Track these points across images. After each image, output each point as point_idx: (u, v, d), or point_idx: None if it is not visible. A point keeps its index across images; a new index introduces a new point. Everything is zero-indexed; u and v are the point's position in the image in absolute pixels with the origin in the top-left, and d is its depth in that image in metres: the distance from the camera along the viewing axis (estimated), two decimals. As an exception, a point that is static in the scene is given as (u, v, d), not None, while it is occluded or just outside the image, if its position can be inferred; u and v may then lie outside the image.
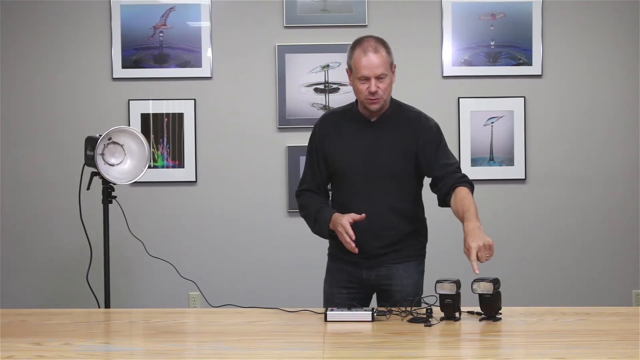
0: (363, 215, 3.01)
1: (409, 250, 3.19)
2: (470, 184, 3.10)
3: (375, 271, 3.18)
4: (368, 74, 3.02)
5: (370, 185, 3.12)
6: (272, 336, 2.68)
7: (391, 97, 3.18)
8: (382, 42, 3.09)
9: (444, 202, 3.15)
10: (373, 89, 3.02)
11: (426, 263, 4.94)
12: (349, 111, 3.23)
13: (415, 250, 3.23)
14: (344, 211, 3.09)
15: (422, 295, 3.10)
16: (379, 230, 3.12)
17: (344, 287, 3.21)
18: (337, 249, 3.20)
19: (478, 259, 2.75)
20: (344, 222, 3.00)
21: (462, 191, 3.04)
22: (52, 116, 5.03)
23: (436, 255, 4.99)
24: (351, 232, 2.98)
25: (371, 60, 3.01)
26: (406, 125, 3.16)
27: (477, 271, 2.72)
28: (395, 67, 3.13)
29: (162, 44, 4.98)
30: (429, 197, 3.27)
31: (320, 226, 3.15)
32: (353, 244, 2.99)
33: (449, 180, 3.09)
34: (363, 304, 3.16)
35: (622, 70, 5.01)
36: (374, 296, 3.27)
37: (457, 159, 4.93)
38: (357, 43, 3.11)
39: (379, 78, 3.03)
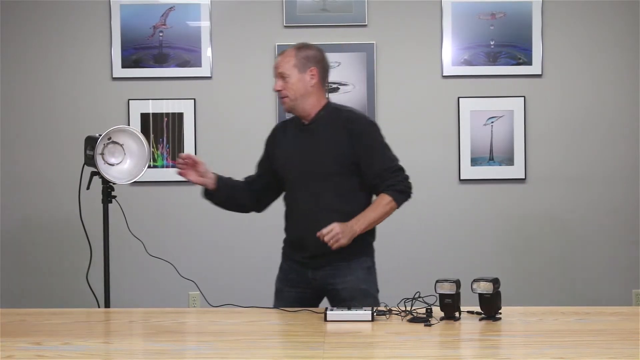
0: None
1: (352, 247, 3.18)
2: (399, 192, 3.22)
3: (321, 271, 3.22)
4: (274, 72, 3.27)
5: (308, 186, 3.22)
6: (272, 336, 2.68)
7: (329, 101, 3.30)
8: (296, 47, 3.30)
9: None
10: (275, 87, 3.24)
11: (426, 263, 4.98)
12: (293, 119, 3.36)
13: (359, 247, 3.24)
14: (290, 214, 3.30)
15: (421, 295, 3.10)
16: (319, 230, 3.12)
17: (293, 286, 3.28)
18: (288, 248, 3.33)
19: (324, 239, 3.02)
20: (188, 155, 3.28)
21: (380, 197, 3.20)
22: (52, 116, 5.03)
23: (436, 255, 5.01)
24: (186, 162, 3.26)
25: (276, 61, 3.27)
26: (339, 127, 3.23)
27: (319, 234, 3.03)
28: (314, 70, 3.23)
29: (162, 44, 4.98)
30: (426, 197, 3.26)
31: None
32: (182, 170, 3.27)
33: (380, 188, 3.22)
34: (311, 304, 3.19)
35: (622, 70, 5.01)
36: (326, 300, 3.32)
37: (459, 156, 4.95)
38: None
39: (281, 77, 3.21)
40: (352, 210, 3.21)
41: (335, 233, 3.05)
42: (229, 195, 3.35)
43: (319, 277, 3.23)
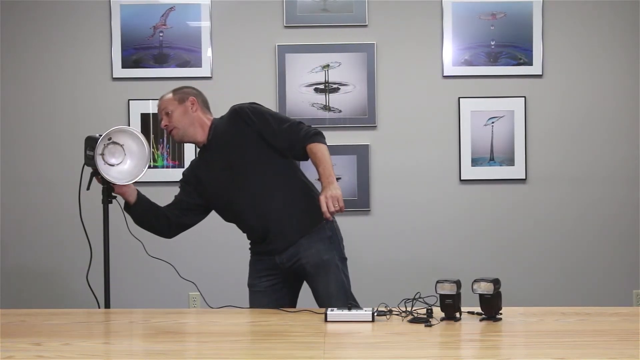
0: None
1: (303, 220, 3.34)
2: (316, 135, 3.29)
3: (286, 253, 3.34)
4: (159, 114, 3.51)
5: (238, 196, 3.35)
6: (272, 336, 2.68)
7: (212, 120, 3.48)
8: (170, 90, 3.51)
9: (301, 159, 3.39)
10: (162, 124, 3.49)
11: (426, 263, 4.98)
12: (198, 152, 3.57)
13: (309, 218, 3.34)
14: (238, 221, 3.47)
15: (422, 296, 3.10)
16: (277, 221, 3.32)
17: (263, 276, 3.41)
18: (252, 244, 3.48)
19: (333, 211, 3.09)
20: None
21: (311, 148, 3.26)
22: (52, 116, 5.02)
23: (437, 255, 5.01)
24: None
25: (158, 105, 3.52)
26: (229, 126, 3.39)
27: (328, 216, 3.11)
28: (192, 99, 3.44)
29: (162, 44, 4.98)
30: (428, 199, 3.25)
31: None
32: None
33: (299, 143, 3.28)
34: (283, 288, 3.38)
35: (622, 70, 5.00)
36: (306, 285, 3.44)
37: (460, 156, 4.96)
38: None
39: (166, 115, 3.45)
40: (288, 183, 3.36)
41: (332, 195, 3.10)
42: (145, 210, 3.55)
43: (285, 259, 3.35)
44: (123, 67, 4.98)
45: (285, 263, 3.35)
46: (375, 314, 2.81)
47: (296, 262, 3.34)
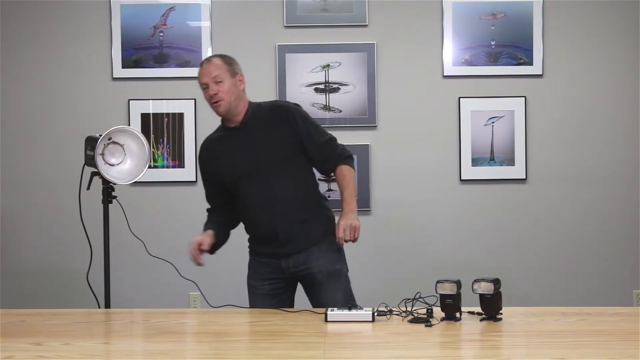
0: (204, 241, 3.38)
1: (319, 228, 3.33)
2: (349, 157, 3.38)
3: (293, 258, 3.31)
4: (205, 80, 3.30)
5: (260, 181, 3.29)
6: (272, 336, 2.68)
7: (249, 102, 3.39)
8: (220, 55, 3.38)
9: (326, 175, 3.50)
10: (212, 92, 3.28)
11: (426, 263, 4.97)
12: (219, 130, 3.46)
13: (323, 228, 3.35)
14: (247, 214, 3.37)
15: (422, 296, 3.10)
16: (285, 219, 3.28)
17: (266, 279, 3.36)
18: (255, 245, 3.41)
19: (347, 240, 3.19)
20: (194, 246, 3.35)
21: (340, 170, 3.34)
22: (52, 116, 5.02)
23: (437, 255, 5.01)
24: (195, 253, 3.33)
25: (205, 69, 3.32)
26: (270, 118, 3.35)
27: (341, 243, 3.21)
28: (241, 76, 3.35)
29: (162, 44, 4.98)
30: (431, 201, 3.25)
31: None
32: (199, 261, 3.34)
33: (331, 161, 3.36)
34: (285, 292, 3.35)
35: (622, 70, 5.00)
36: (300, 287, 3.42)
37: (460, 156, 4.96)
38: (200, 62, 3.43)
39: (216, 82, 3.28)
40: (306, 193, 3.35)
41: (350, 225, 3.19)
42: (222, 238, 3.50)
43: (292, 264, 3.31)
44: (123, 67, 4.98)
45: (290, 268, 3.32)
46: (376, 314, 2.81)
47: (304, 270, 3.30)
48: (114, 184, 3.90)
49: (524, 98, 4.98)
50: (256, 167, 3.28)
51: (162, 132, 4.98)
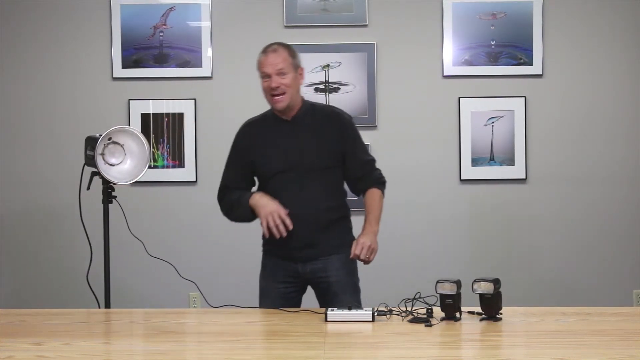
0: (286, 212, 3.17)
1: (339, 237, 3.32)
2: (383, 184, 3.42)
3: (310, 265, 3.28)
4: (268, 70, 3.22)
5: (296, 181, 3.25)
6: (272, 336, 2.68)
7: (303, 98, 3.35)
8: (284, 46, 3.32)
9: (356, 193, 3.45)
10: (274, 84, 3.19)
11: (426, 263, 4.97)
12: (267, 117, 3.38)
13: (345, 237, 3.34)
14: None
15: (422, 296, 3.10)
16: (307, 219, 3.23)
17: (280, 281, 3.31)
18: (272, 246, 3.33)
19: (360, 258, 3.20)
20: (281, 212, 3.15)
21: (372, 193, 3.36)
22: (52, 116, 5.02)
23: (437, 255, 5.01)
24: (289, 221, 3.15)
25: (270, 58, 3.23)
26: (323, 121, 3.31)
27: (352, 257, 3.20)
28: (302, 70, 3.30)
29: (162, 44, 4.98)
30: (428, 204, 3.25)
31: (241, 207, 3.27)
32: (282, 228, 3.14)
33: (367, 182, 3.37)
34: (298, 296, 3.32)
35: (622, 70, 5.00)
36: (310, 289, 3.38)
37: (460, 156, 4.96)
38: (263, 48, 3.34)
39: (279, 74, 3.20)
40: (335, 203, 3.33)
41: (369, 246, 3.21)
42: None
43: (309, 270, 3.28)
44: (123, 67, 4.98)
45: (307, 273, 3.29)
46: (376, 314, 2.81)
47: (322, 277, 3.28)
48: (114, 184, 3.90)
49: (523, 98, 4.98)
50: (297, 166, 3.24)
51: (162, 132, 4.98)
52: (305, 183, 3.24)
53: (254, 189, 3.43)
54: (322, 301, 3.31)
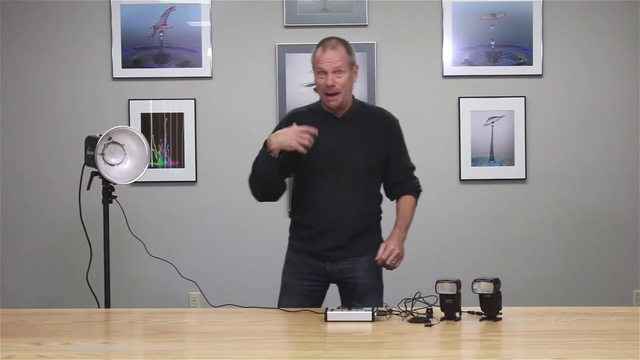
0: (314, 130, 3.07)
1: (370, 240, 3.30)
2: (419, 193, 3.42)
3: (339, 265, 3.26)
4: (325, 67, 3.13)
5: (339, 179, 3.22)
6: (272, 336, 2.68)
7: (354, 96, 3.30)
8: (342, 42, 3.22)
9: (391, 198, 3.43)
10: (330, 82, 3.11)
11: (426, 263, 4.97)
12: (315, 108, 3.31)
13: (376, 240, 3.32)
14: (308, 203, 3.23)
15: (422, 296, 3.10)
16: (345, 223, 3.22)
17: (306, 279, 3.28)
18: (300, 242, 3.30)
19: (386, 263, 3.17)
20: (298, 129, 3.05)
21: (408, 200, 3.37)
22: (52, 116, 5.02)
23: (437, 255, 5.01)
24: (312, 129, 3.05)
25: (328, 55, 3.13)
26: (372, 122, 3.29)
27: (378, 262, 3.16)
28: (357, 68, 3.24)
29: (162, 44, 4.98)
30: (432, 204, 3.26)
31: (260, 161, 3.13)
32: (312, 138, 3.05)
33: (405, 188, 3.37)
34: (321, 295, 3.29)
35: (622, 70, 5.00)
36: (335, 288, 3.35)
37: (459, 156, 4.96)
38: (320, 42, 3.23)
39: (336, 72, 3.12)
40: (373, 209, 3.33)
41: (397, 253, 3.20)
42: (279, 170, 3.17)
43: (338, 270, 3.26)
44: (123, 67, 4.98)
45: (335, 273, 3.27)
46: (375, 313, 2.81)
47: (350, 278, 3.26)
48: (114, 183, 3.90)
49: (523, 98, 4.98)
50: (341, 164, 3.20)
51: (162, 132, 4.98)
52: (346, 184, 3.21)
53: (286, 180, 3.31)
54: (345, 300, 3.27)
